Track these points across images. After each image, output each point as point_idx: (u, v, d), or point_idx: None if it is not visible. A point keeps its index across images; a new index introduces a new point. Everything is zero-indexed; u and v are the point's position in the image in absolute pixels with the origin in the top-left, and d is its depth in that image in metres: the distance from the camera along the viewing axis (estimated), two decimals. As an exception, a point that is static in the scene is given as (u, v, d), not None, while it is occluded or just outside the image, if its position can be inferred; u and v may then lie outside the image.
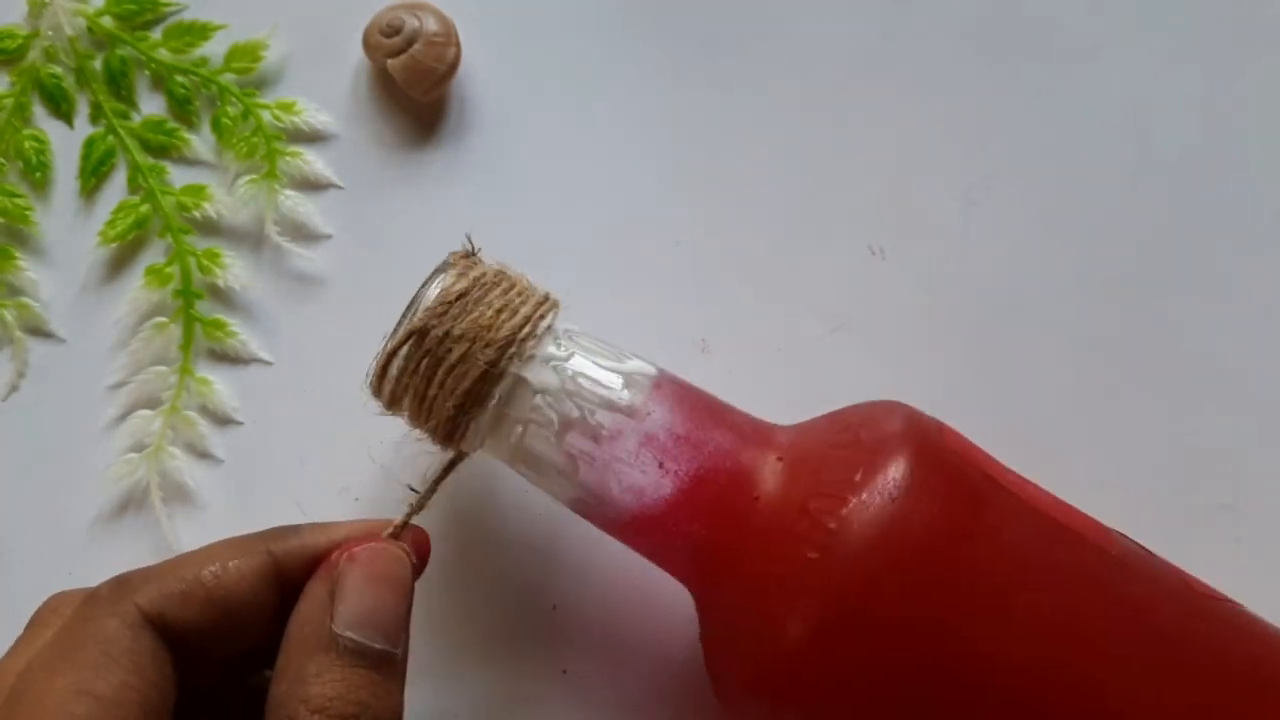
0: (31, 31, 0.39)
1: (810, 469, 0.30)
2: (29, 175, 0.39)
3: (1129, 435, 0.38)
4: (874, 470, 0.29)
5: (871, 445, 0.30)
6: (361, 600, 0.29)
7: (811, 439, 0.31)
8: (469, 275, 0.31)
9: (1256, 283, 0.39)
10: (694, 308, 0.39)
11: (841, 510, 0.28)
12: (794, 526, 0.29)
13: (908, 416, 0.31)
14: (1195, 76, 0.40)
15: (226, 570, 0.30)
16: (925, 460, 0.29)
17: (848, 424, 0.32)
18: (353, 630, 0.29)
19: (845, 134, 0.40)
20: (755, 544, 0.30)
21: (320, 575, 0.30)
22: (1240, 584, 0.38)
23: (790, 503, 0.29)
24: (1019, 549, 0.30)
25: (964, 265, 0.39)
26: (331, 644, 0.29)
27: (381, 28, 0.38)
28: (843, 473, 0.29)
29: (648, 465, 0.30)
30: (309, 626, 0.29)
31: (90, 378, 0.38)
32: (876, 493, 0.28)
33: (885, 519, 0.28)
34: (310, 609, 0.29)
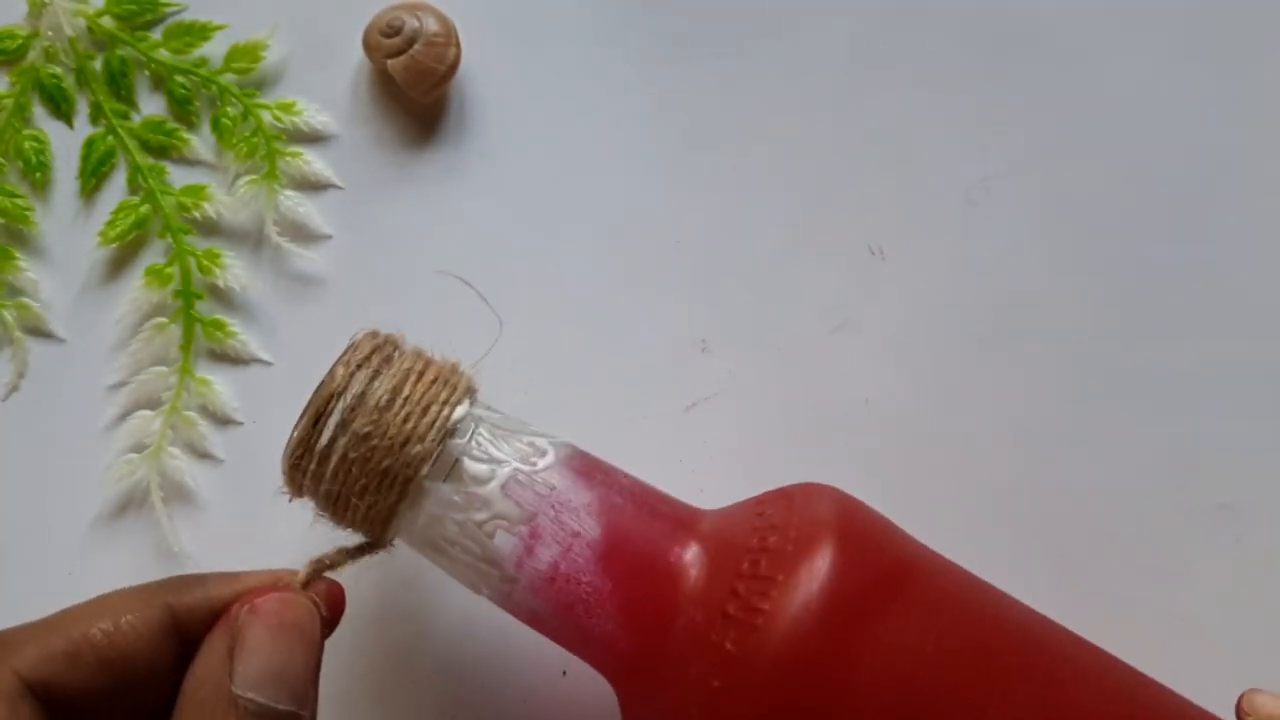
0: (31, 32, 0.39)
1: (731, 565, 0.29)
2: (29, 175, 0.39)
3: (1129, 435, 0.38)
4: (794, 573, 0.28)
5: (794, 545, 0.28)
6: (264, 656, 0.26)
7: (733, 530, 0.30)
8: (380, 362, 0.30)
9: (1256, 282, 0.39)
10: (694, 308, 0.39)
11: (757, 620, 0.27)
12: (712, 633, 0.28)
13: (834, 508, 0.30)
14: (1195, 76, 0.40)
15: (119, 627, 0.26)
16: (848, 558, 0.28)
17: (769, 516, 0.30)
18: (255, 690, 0.26)
19: (845, 134, 0.40)
20: (673, 648, 0.28)
21: (219, 630, 0.27)
22: (1240, 584, 0.38)
23: (710, 605, 0.28)
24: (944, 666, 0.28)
25: (964, 265, 0.39)
26: (231, 706, 0.26)
27: (381, 28, 0.38)
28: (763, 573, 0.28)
29: (567, 558, 0.29)
30: (206, 688, 0.26)
31: (90, 378, 0.38)
32: (795, 600, 0.27)
33: (802, 630, 0.27)
34: (207, 668, 0.27)
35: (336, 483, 0.29)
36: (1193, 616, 0.37)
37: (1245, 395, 0.39)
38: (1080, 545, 0.38)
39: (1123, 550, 0.38)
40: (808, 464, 0.38)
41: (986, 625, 0.29)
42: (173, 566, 0.37)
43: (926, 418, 0.38)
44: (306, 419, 0.29)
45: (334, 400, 0.29)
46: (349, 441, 0.29)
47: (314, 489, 0.30)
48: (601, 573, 0.29)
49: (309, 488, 0.30)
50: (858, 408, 0.38)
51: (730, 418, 0.38)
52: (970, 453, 0.38)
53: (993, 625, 0.30)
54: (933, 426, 0.38)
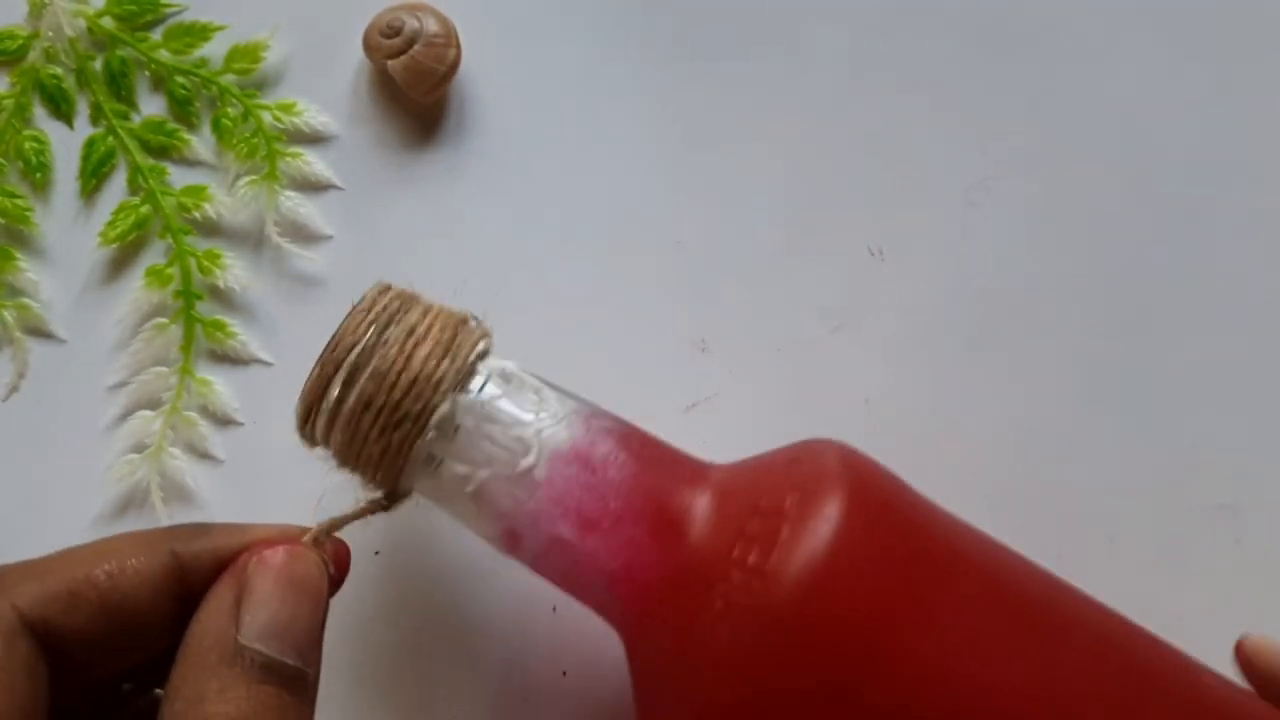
0: (32, 32, 0.39)
1: (741, 509, 0.29)
2: (29, 176, 0.39)
3: (1129, 435, 0.38)
4: (804, 516, 0.28)
5: (803, 488, 0.29)
6: (272, 609, 0.26)
7: (743, 478, 0.30)
8: (394, 311, 0.30)
9: (1256, 282, 0.39)
10: (694, 308, 0.39)
11: (769, 558, 0.27)
12: (723, 571, 0.28)
13: (841, 456, 0.30)
14: (1195, 76, 0.40)
15: (123, 570, 0.26)
16: (858, 501, 0.28)
17: (780, 462, 0.31)
18: (262, 642, 0.25)
19: (845, 134, 0.40)
20: (683, 588, 0.28)
21: (225, 580, 0.26)
22: (1240, 584, 0.38)
23: (719, 546, 0.28)
24: (952, 592, 0.28)
25: (964, 265, 0.39)
26: (236, 657, 0.25)
27: (382, 29, 0.38)
28: (773, 519, 0.28)
29: (578, 504, 0.29)
30: (210, 637, 0.25)
31: (91, 378, 0.38)
32: (806, 537, 0.27)
33: (813, 569, 0.27)
34: (212, 617, 0.26)
35: (350, 428, 0.29)
36: (1193, 616, 0.37)
37: (1245, 395, 0.39)
38: (1080, 545, 0.38)
39: (1123, 550, 0.38)
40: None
41: (1000, 573, 0.30)
42: (173, 567, 0.37)
43: (926, 418, 0.38)
44: (320, 365, 0.29)
45: (347, 347, 0.29)
46: (364, 384, 0.29)
47: (327, 434, 0.30)
48: (618, 511, 0.29)
49: (323, 434, 0.30)
50: (858, 408, 0.38)
51: (730, 418, 0.38)
52: (970, 453, 0.38)
53: (1006, 572, 0.30)
54: (933, 426, 0.38)
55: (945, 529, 0.30)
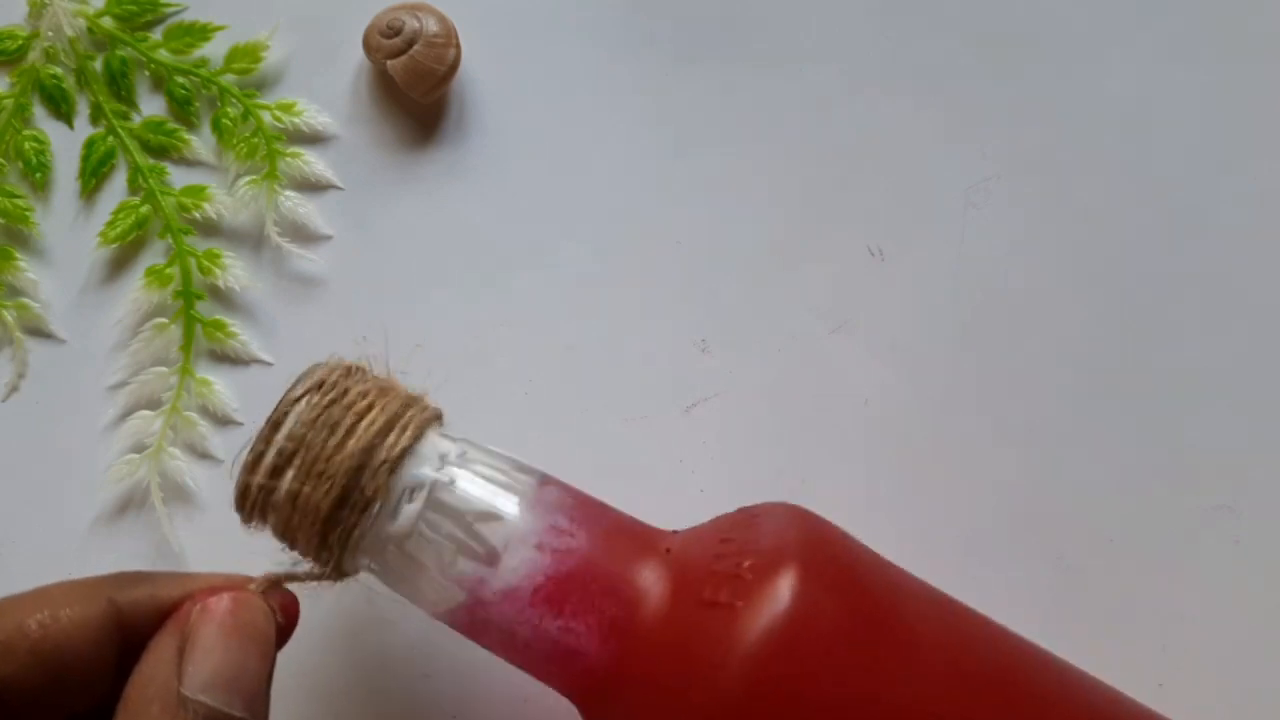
0: (32, 32, 0.39)
1: (694, 587, 0.28)
2: (29, 176, 0.39)
3: (1129, 435, 0.38)
4: (760, 589, 0.27)
5: (758, 562, 0.28)
6: (217, 658, 0.25)
7: (697, 550, 0.30)
8: (340, 386, 0.29)
9: (1256, 283, 0.39)
10: (694, 308, 0.39)
11: (724, 629, 0.27)
12: (675, 658, 0.27)
13: (799, 524, 0.30)
14: (1195, 76, 0.40)
15: (57, 620, 0.25)
16: (814, 577, 0.28)
17: (735, 534, 0.30)
18: (206, 693, 0.25)
19: (845, 134, 0.40)
20: (639, 664, 0.28)
21: (168, 629, 0.26)
22: (1240, 584, 0.38)
23: (672, 629, 0.28)
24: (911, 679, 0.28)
25: (963, 266, 0.39)
26: (179, 709, 0.24)
27: (381, 29, 0.38)
28: (728, 588, 0.28)
29: (530, 585, 0.28)
30: (152, 688, 0.25)
31: (90, 378, 0.38)
32: (762, 613, 0.27)
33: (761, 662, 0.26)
34: (154, 668, 0.25)
35: (288, 511, 0.28)
36: (1192, 617, 0.37)
37: (1245, 395, 0.39)
38: (1080, 545, 0.38)
39: (1123, 550, 0.38)
40: (808, 464, 0.38)
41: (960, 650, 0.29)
42: (173, 567, 0.37)
43: (926, 418, 0.38)
44: (252, 448, 0.28)
45: (284, 427, 0.28)
46: (298, 469, 0.28)
47: (264, 516, 0.29)
48: (566, 595, 0.28)
49: (258, 516, 0.29)
50: (858, 408, 0.38)
51: (730, 418, 0.38)
52: (970, 453, 0.38)
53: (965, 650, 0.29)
54: (933, 426, 0.38)
55: (901, 598, 0.30)
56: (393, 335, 0.38)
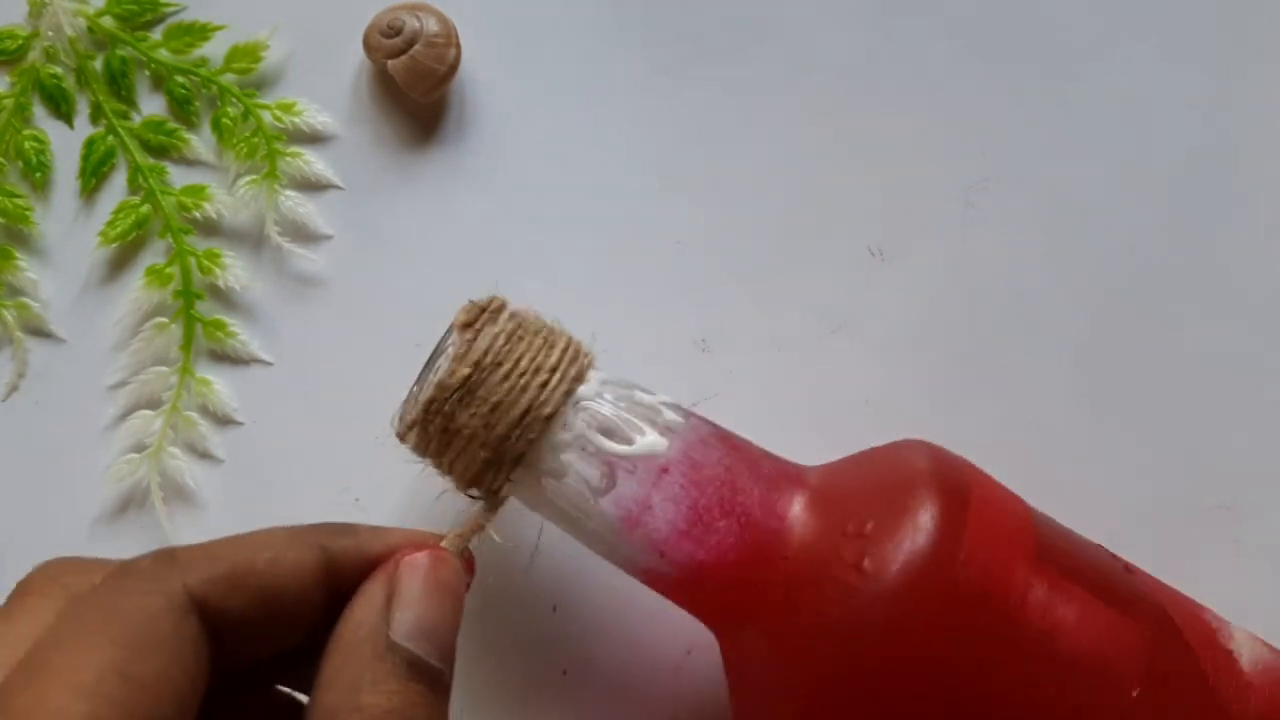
0: (32, 32, 0.39)
1: (838, 515, 0.30)
2: (29, 175, 0.39)
3: (1129, 435, 0.38)
4: (901, 515, 0.29)
5: (899, 488, 0.30)
6: (421, 610, 0.27)
7: (839, 482, 0.31)
8: (499, 326, 0.31)
9: (1256, 283, 0.39)
10: (694, 308, 0.39)
11: (866, 561, 0.28)
12: (823, 577, 0.29)
13: (933, 456, 0.31)
14: (1195, 76, 0.40)
15: (281, 560, 0.27)
16: (952, 505, 0.29)
17: (874, 465, 0.32)
18: (411, 641, 0.26)
19: (845, 135, 0.40)
20: (784, 594, 0.29)
21: (378, 577, 0.27)
22: (1240, 585, 0.38)
23: (819, 552, 0.29)
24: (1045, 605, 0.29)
25: (963, 266, 0.39)
26: (389, 653, 0.26)
27: (382, 28, 0.38)
28: (870, 517, 0.29)
29: (678, 514, 0.30)
30: (364, 629, 0.26)
31: (90, 378, 0.38)
32: (904, 540, 0.28)
33: (912, 570, 0.28)
34: (365, 613, 0.27)
35: (461, 441, 0.30)
36: (1192, 616, 0.37)
37: (1245, 395, 0.39)
38: (1080, 545, 0.38)
39: (1123, 550, 0.38)
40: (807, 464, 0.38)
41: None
42: (173, 566, 0.37)
43: (926, 418, 0.38)
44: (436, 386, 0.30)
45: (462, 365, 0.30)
46: (478, 400, 0.30)
47: (431, 443, 0.31)
48: (719, 516, 0.30)
49: (428, 444, 0.31)
50: (858, 408, 0.38)
51: (730, 418, 0.38)
52: (969, 453, 0.38)
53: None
54: (933, 426, 0.38)
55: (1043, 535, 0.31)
56: (392, 335, 0.38)
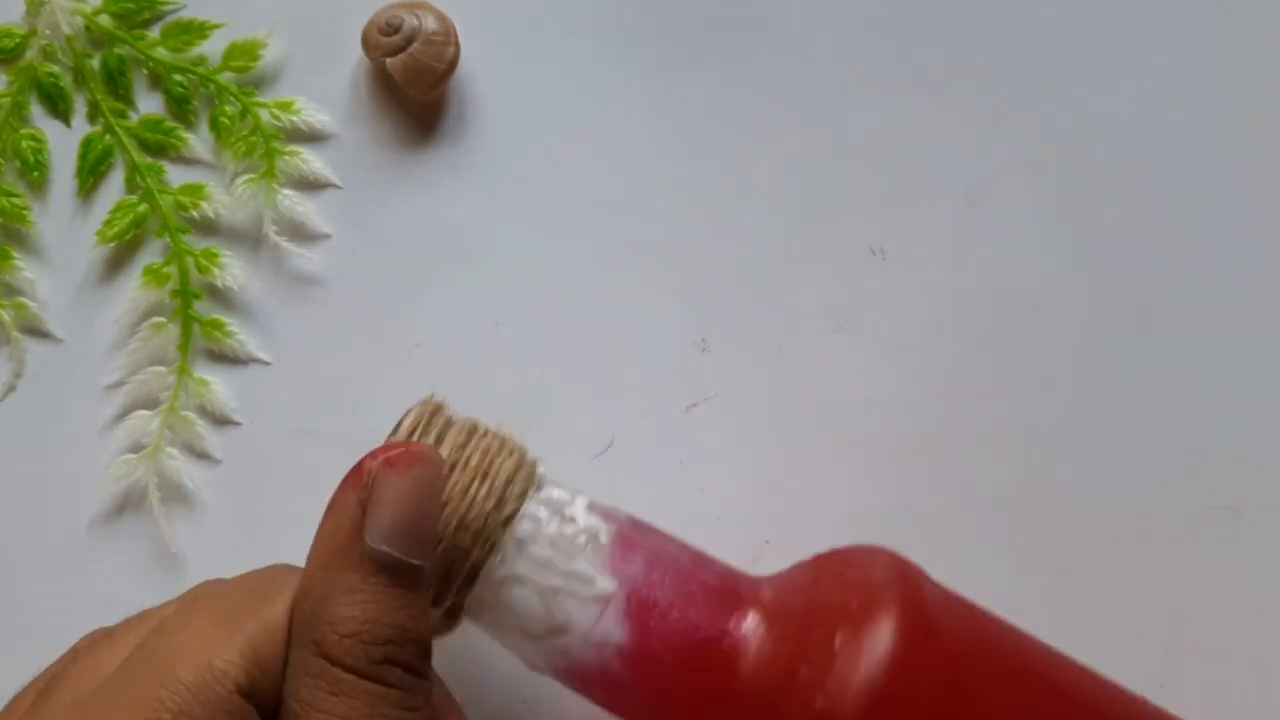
0: (29, 30, 0.39)
1: (794, 636, 0.29)
2: (26, 174, 0.38)
3: (1130, 435, 0.38)
4: (860, 635, 0.28)
5: (857, 606, 0.29)
6: (397, 510, 0.27)
7: (794, 600, 0.30)
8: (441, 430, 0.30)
9: (1258, 282, 0.39)
10: (694, 308, 0.39)
11: (826, 684, 0.27)
12: (780, 703, 0.28)
13: (892, 568, 0.30)
14: (1196, 76, 0.40)
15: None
16: (913, 624, 0.28)
17: (831, 578, 0.30)
18: (388, 543, 0.26)
19: (845, 134, 0.40)
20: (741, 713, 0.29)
21: (349, 483, 0.27)
22: (1241, 586, 0.38)
23: (775, 675, 0.28)
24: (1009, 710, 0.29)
25: (965, 265, 0.39)
26: (363, 559, 0.26)
27: (380, 26, 0.38)
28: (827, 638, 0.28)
29: (622, 633, 0.29)
30: (339, 536, 0.27)
31: (88, 378, 0.38)
32: (863, 663, 0.27)
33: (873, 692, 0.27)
34: (338, 519, 0.27)
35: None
36: (1193, 618, 0.37)
37: (1246, 395, 0.39)
38: (1080, 545, 0.38)
39: (1123, 551, 0.38)
40: (808, 464, 0.38)
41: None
42: (171, 567, 0.37)
43: (926, 418, 0.38)
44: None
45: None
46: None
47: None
48: (671, 642, 0.29)
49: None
50: (858, 408, 0.38)
51: (730, 418, 0.38)
52: (970, 453, 0.38)
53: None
54: (933, 426, 0.38)
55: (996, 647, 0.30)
56: (391, 334, 0.38)
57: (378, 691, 0.26)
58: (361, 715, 0.26)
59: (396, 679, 0.26)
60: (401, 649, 0.26)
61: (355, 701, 0.26)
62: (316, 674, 0.26)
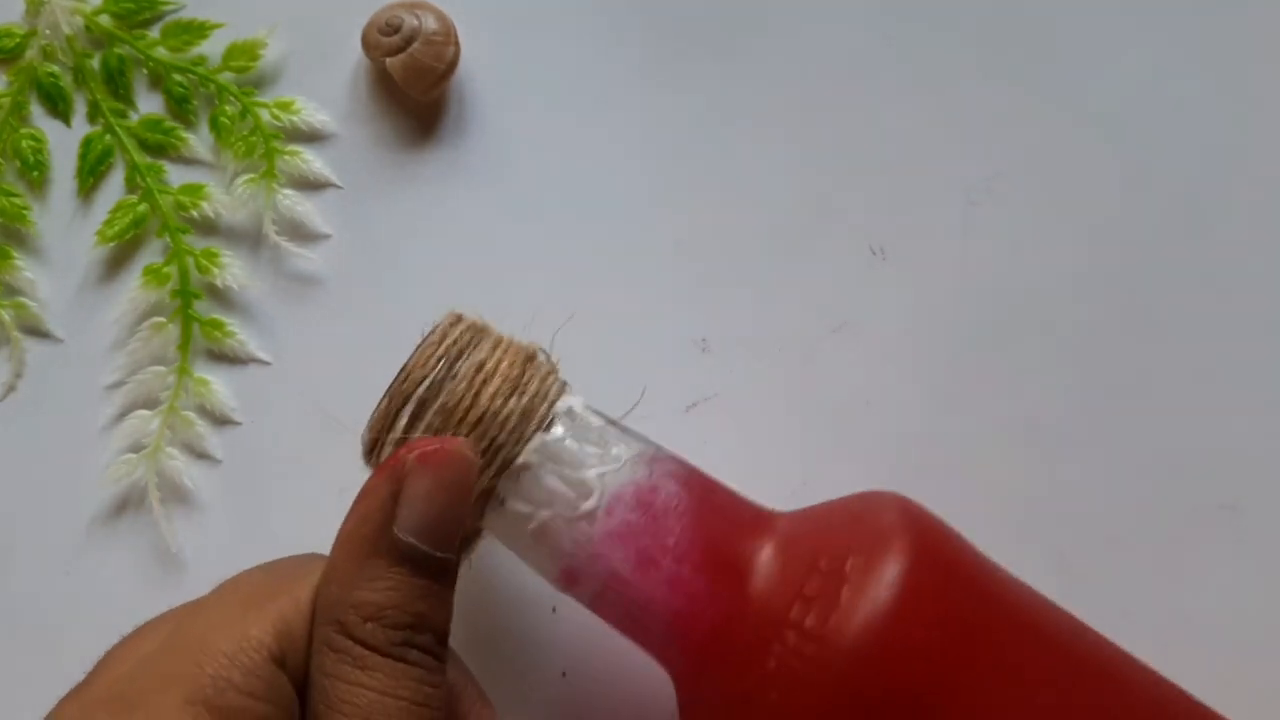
0: (29, 30, 0.39)
1: (801, 566, 0.29)
2: (26, 174, 0.38)
3: (1130, 435, 0.38)
4: (864, 582, 0.28)
5: (866, 540, 0.29)
6: (427, 505, 0.28)
7: (805, 532, 0.30)
8: (464, 344, 0.31)
9: (1259, 282, 0.39)
10: (694, 308, 0.39)
11: (827, 622, 0.28)
12: (779, 630, 0.28)
13: (903, 516, 0.31)
14: (1195, 77, 0.40)
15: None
16: (919, 568, 0.28)
17: (843, 515, 0.31)
18: (415, 536, 0.27)
19: (845, 134, 0.40)
20: (744, 640, 0.29)
21: (383, 474, 0.28)
22: (1242, 585, 0.38)
23: (777, 603, 0.29)
24: (1012, 656, 0.29)
25: (964, 266, 0.39)
26: (391, 548, 0.27)
27: (380, 26, 0.38)
28: (832, 580, 0.28)
29: (638, 548, 0.29)
30: (368, 525, 0.28)
31: (88, 378, 0.38)
32: (869, 595, 0.28)
33: (870, 637, 0.27)
34: (369, 507, 0.28)
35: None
36: (1194, 617, 0.37)
37: (1247, 395, 0.39)
38: (1080, 545, 0.38)
39: (1123, 550, 0.38)
40: (808, 464, 0.38)
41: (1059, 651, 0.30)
42: (171, 567, 0.37)
43: (926, 418, 0.38)
44: (388, 397, 0.30)
45: (416, 380, 0.30)
46: (430, 419, 0.30)
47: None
48: (678, 557, 0.29)
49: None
50: (858, 408, 0.38)
51: (730, 418, 0.38)
52: (970, 453, 0.38)
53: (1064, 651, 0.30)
54: (933, 426, 0.38)
55: (1005, 593, 0.30)
56: (391, 334, 0.38)
57: (399, 667, 0.27)
58: (384, 686, 0.27)
59: (416, 658, 0.27)
60: (419, 635, 0.28)
61: (379, 675, 0.27)
62: (340, 649, 0.27)
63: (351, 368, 0.38)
